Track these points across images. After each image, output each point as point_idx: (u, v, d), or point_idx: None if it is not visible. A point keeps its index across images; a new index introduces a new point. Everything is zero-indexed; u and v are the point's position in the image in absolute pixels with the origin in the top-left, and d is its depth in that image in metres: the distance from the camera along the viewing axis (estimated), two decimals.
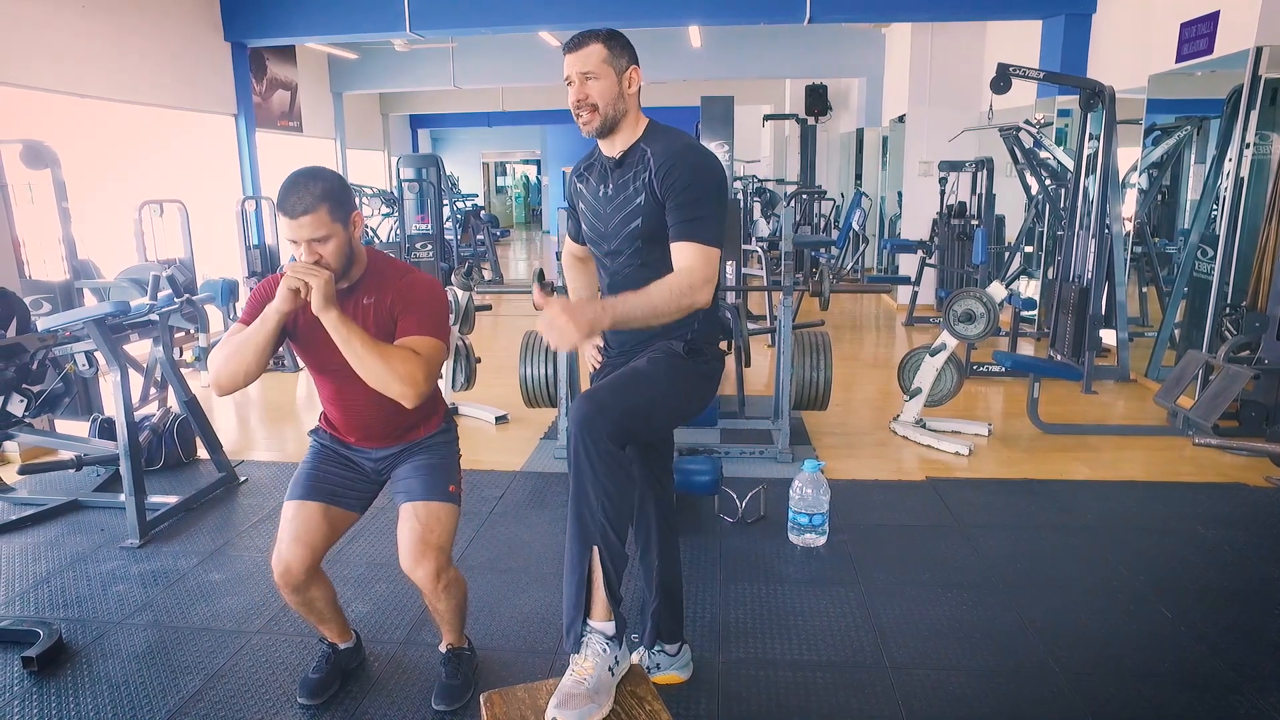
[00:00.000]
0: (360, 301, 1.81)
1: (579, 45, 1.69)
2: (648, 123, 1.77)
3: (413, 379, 1.70)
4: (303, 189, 1.67)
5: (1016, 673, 2.12)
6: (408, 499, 1.91)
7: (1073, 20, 5.66)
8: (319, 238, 1.68)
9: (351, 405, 1.91)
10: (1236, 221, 4.04)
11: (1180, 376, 3.78)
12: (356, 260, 1.79)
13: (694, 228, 1.64)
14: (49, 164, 4.44)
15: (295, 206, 1.66)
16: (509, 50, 9.80)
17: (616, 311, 1.56)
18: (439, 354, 1.78)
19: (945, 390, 4.08)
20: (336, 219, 1.70)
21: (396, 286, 1.82)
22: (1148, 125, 5.08)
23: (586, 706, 1.54)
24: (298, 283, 1.65)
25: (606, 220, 1.79)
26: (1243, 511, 3.14)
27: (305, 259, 1.69)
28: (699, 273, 1.63)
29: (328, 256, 1.70)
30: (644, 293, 1.60)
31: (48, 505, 3.22)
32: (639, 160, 1.72)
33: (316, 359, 1.86)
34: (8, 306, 3.00)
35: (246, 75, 7.54)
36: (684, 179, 1.65)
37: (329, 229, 1.68)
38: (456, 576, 1.96)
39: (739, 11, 6.36)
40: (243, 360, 1.72)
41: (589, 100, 1.69)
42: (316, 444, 2.02)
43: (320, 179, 1.70)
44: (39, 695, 2.07)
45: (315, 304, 1.66)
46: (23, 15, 5.17)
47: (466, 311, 4.31)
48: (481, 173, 20.13)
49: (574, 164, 1.95)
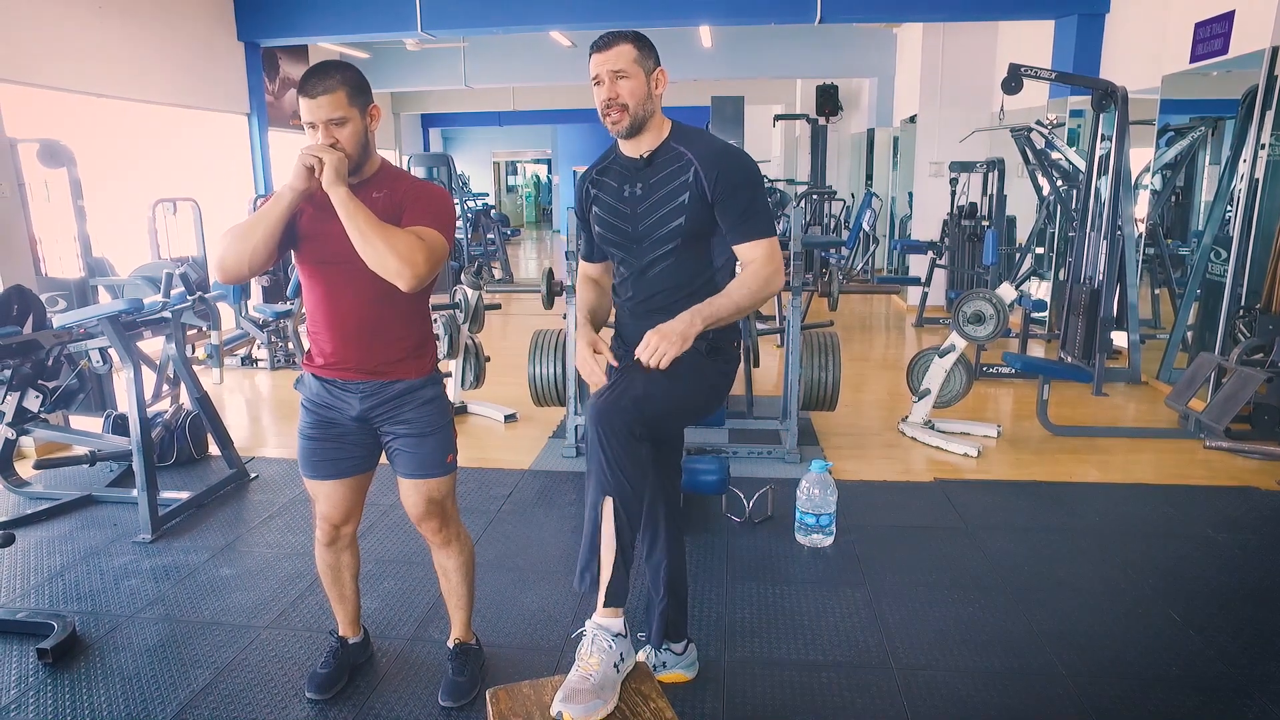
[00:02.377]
0: (370, 195, 1.76)
1: (608, 45, 1.70)
2: (672, 123, 1.80)
3: (412, 259, 1.65)
4: (324, 73, 1.68)
5: (1023, 675, 2.12)
6: (407, 475, 1.91)
7: (1085, 20, 5.63)
8: (336, 119, 1.68)
9: (341, 311, 1.81)
10: (1251, 223, 4.01)
11: (1192, 379, 3.76)
12: (369, 156, 1.79)
13: (757, 224, 1.74)
14: (65, 163, 4.49)
15: (315, 87, 1.66)
16: (520, 50, 9.82)
17: (707, 315, 1.67)
18: (441, 246, 1.74)
19: (954, 391, 4.07)
20: (355, 104, 1.70)
21: (408, 183, 1.83)
22: (1161, 126, 5.05)
23: (592, 702, 1.55)
24: (312, 160, 1.66)
25: (635, 221, 1.80)
26: (1254, 515, 3.12)
27: (323, 139, 1.69)
28: (774, 263, 1.74)
29: (343, 141, 1.70)
30: (727, 294, 1.71)
31: (62, 500, 3.26)
32: (676, 160, 1.75)
33: (316, 251, 1.80)
34: (24, 303, 3.04)
35: (259, 75, 7.58)
36: (738, 179, 1.73)
37: (346, 112, 1.69)
38: (462, 532, 2.03)
39: (750, 11, 6.35)
40: (250, 240, 1.69)
41: (619, 100, 1.70)
42: (304, 407, 1.92)
43: (342, 68, 1.71)
44: (53, 687, 2.10)
45: (326, 178, 1.65)
46: (39, 15, 5.22)
47: (476, 310, 4.32)
48: (492, 172, 20.18)
49: (586, 168, 1.94)
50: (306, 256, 1.82)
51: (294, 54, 9.18)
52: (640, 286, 1.84)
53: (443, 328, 4.14)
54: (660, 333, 1.62)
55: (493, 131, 17.75)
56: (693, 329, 1.64)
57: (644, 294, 1.84)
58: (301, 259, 1.83)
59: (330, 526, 2.00)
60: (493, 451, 3.92)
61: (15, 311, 3.00)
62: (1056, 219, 5.92)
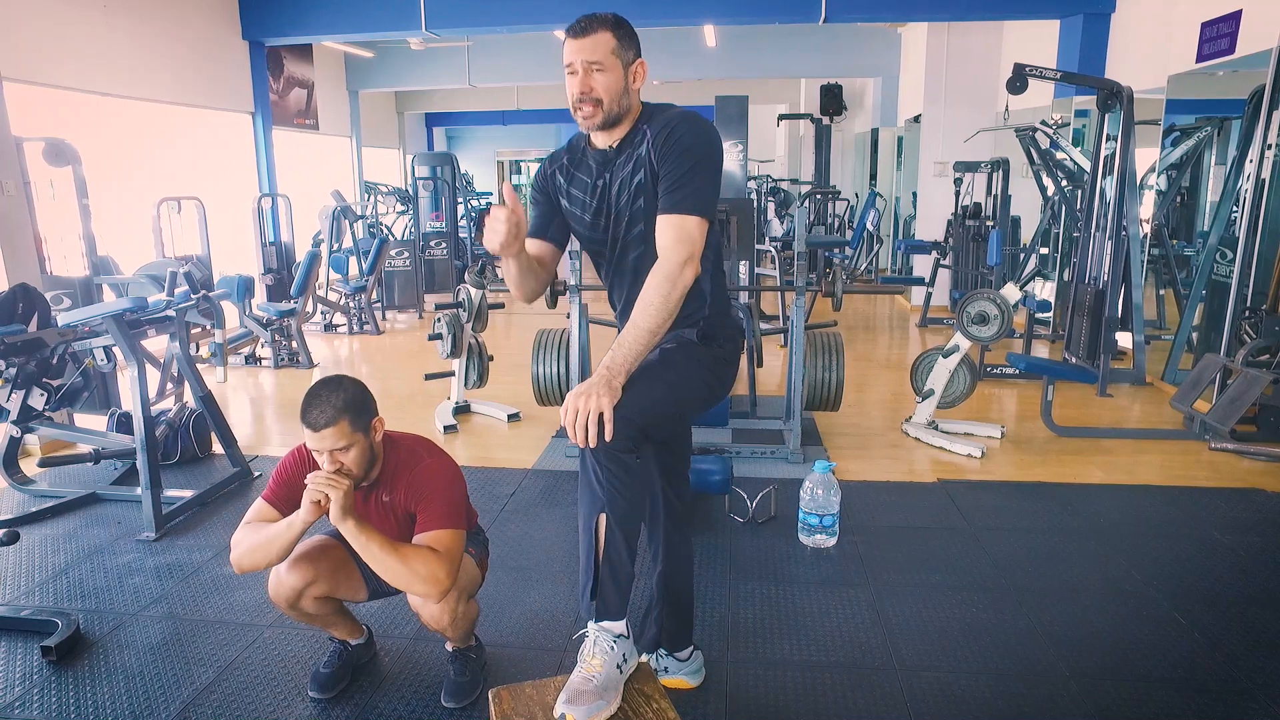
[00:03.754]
0: (380, 499, 1.89)
1: (586, 31, 1.58)
2: (643, 105, 1.70)
3: (435, 578, 1.75)
4: (324, 402, 1.73)
5: (1027, 677, 2.11)
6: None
7: (1091, 20, 5.61)
8: (341, 447, 1.74)
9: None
10: (1257, 224, 3.99)
11: (1197, 380, 3.75)
12: (376, 460, 1.85)
13: (676, 199, 1.57)
14: (70, 161, 4.51)
15: (318, 420, 1.72)
16: (524, 49, 9.82)
17: (621, 358, 1.50)
18: (459, 544, 1.83)
19: (958, 392, 4.06)
20: (357, 429, 1.76)
21: (407, 481, 1.86)
22: (1166, 126, 5.03)
23: (595, 704, 1.55)
24: (319, 494, 1.72)
25: (608, 213, 1.70)
26: (1259, 517, 3.11)
27: (328, 467, 1.75)
28: (677, 253, 1.55)
29: (349, 464, 1.77)
30: (633, 323, 1.53)
31: (66, 498, 3.26)
32: (636, 140, 1.65)
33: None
34: (30, 302, 3.05)
35: (264, 73, 7.60)
36: (682, 144, 1.58)
37: (350, 439, 1.75)
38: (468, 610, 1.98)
39: (754, 11, 6.35)
40: (267, 556, 1.81)
41: (593, 94, 1.59)
42: None
43: (341, 390, 1.76)
44: (57, 684, 2.10)
45: (333, 515, 1.73)
46: (45, 14, 5.24)
47: (479, 310, 4.33)
48: (496, 171, 20.19)
49: (556, 151, 1.79)
50: None
51: (298, 53, 9.20)
52: (620, 282, 1.76)
53: (446, 327, 4.14)
54: (578, 393, 1.45)
55: (496, 130, 17.73)
56: (615, 377, 1.48)
57: (627, 288, 1.75)
58: None
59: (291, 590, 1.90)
60: (496, 451, 3.93)
61: (20, 310, 3.01)
62: (1061, 219, 5.90)
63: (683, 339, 1.70)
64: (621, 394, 1.49)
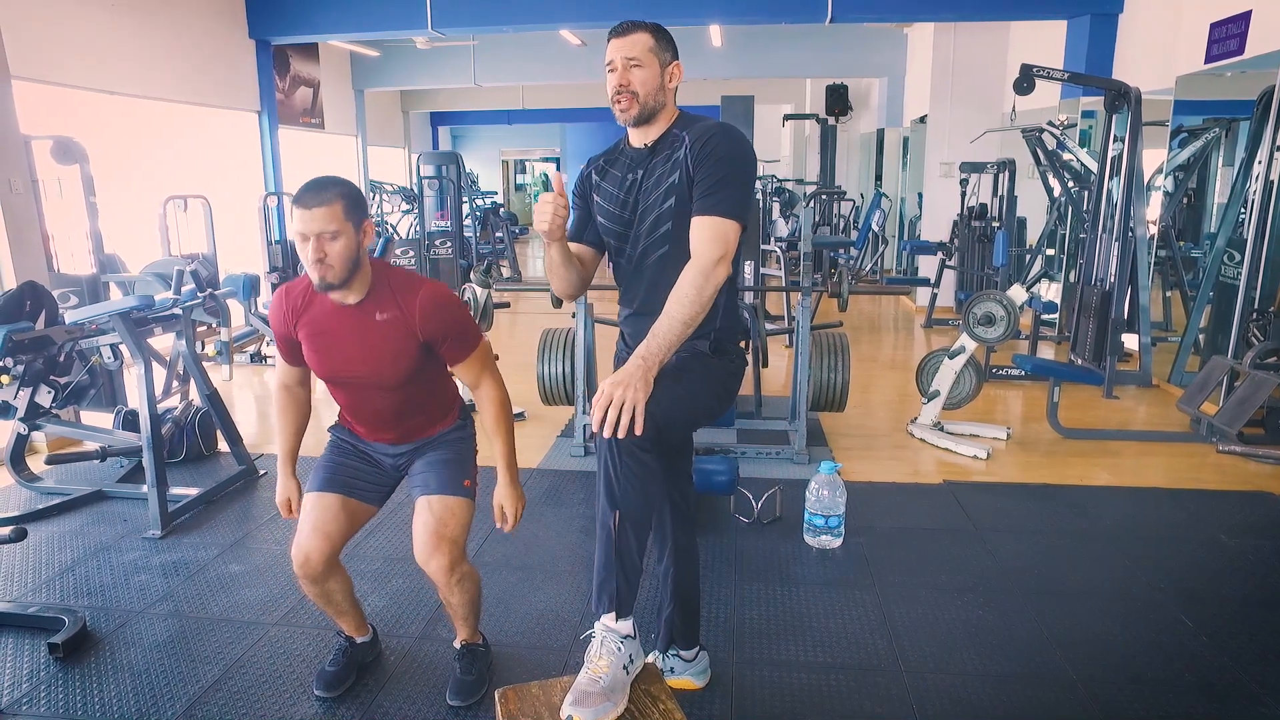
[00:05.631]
0: (374, 316, 1.80)
1: (626, 31, 1.69)
2: (680, 112, 1.78)
3: (502, 401, 1.95)
4: (320, 186, 1.71)
5: (1032, 679, 2.11)
6: (423, 492, 1.93)
7: (1098, 20, 5.59)
8: (329, 232, 1.68)
9: (368, 410, 1.95)
10: (1265, 225, 3.98)
11: (1204, 382, 3.74)
12: (361, 270, 1.77)
13: (711, 201, 1.64)
14: (78, 159, 4.52)
15: (311, 199, 1.68)
16: (530, 48, 9.82)
17: (655, 348, 1.55)
18: (486, 352, 1.95)
19: (964, 393, 4.05)
20: (349, 218, 1.71)
21: (415, 308, 1.80)
22: (1174, 127, 5.01)
23: (602, 705, 1.54)
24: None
25: (634, 208, 1.77)
26: (1267, 520, 3.10)
27: (311, 255, 1.69)
28: (710, 252, 1.62)
29: (333, 255, 1.69)
30: (666, 314, 1.58)
31: (73, 495, 3.27)
32: (673, 143, 1.73)
33: (328, 366, 1.87)
34: (37, 299, 3.05)
35: (270, 72, 7.61)
36: (718, 152, 1.66)
37: (340, 225, 1.69)
38: (470, 571, 1.97)
39: (760, 10, 6.34)
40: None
41: (630, 87, 1.68)
42: (335, 438, 2.05)
43: (338, 182, 1.74)
44: (64, 681, 2.11)
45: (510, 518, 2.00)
46: (52, 12, 5.25)
47: (485, 309, 4.32)
48: (501, 170, 20.21)
49: (592, 159, 1.89)
50: (320, 368, 1.91)
51: (304, 51, 9.22)
52: (638, 280, 1.80)
53: None
54: (616, 382, 1.49)
55: (501, 130, 17.77)
56: (651, 369, 1.52)
57: (643, 288, 1.79)
58: (317, 369, 1.92)
59: (304, 559, 1.89)
60: None
61: (28, 307, 3.01)
62: (1068, 220, 5.89)
63: (696, 350, 1.73)
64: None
